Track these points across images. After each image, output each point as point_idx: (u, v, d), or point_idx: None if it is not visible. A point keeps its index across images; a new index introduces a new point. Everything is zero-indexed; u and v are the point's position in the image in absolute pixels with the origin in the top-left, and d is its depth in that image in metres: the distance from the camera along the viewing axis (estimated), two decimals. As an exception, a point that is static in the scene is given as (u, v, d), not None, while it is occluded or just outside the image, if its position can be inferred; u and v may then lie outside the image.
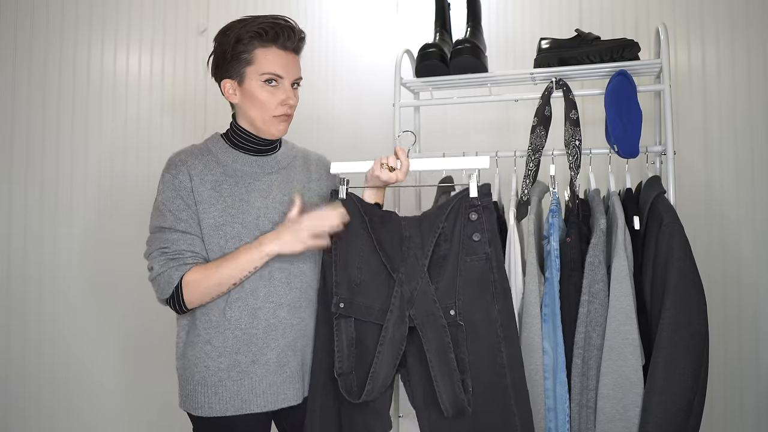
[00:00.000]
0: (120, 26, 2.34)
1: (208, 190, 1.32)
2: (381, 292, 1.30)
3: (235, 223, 1.32)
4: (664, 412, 1.32)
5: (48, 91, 2.23)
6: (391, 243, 1.31)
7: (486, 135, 2.41)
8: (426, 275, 1.26)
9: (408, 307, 1.26)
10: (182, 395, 1.35)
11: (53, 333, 2.22)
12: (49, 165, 2.22)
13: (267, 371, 1.32)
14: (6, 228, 2.15)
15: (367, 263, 1.32)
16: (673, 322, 1.33)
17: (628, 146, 1.50)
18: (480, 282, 1.25)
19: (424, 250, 1.27)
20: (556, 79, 1.62)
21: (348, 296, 1.32)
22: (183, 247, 1.29)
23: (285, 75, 1.33)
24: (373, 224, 1.33)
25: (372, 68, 2.56)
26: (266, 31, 1.30)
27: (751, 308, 2.06)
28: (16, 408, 2.15)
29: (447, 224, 1.27)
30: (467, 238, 1.26)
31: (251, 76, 1.32)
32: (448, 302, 1.25)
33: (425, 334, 1.24)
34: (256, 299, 1.32)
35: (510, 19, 2.39)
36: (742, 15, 2.09)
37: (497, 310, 1.25)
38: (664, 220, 1.38)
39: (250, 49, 1.31)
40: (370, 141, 2.58)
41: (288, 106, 1.35)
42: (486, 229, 1.25)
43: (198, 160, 1.34)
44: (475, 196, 1.26)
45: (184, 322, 1.35)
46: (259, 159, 1.39)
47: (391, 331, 1.26)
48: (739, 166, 2.08)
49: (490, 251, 1.25)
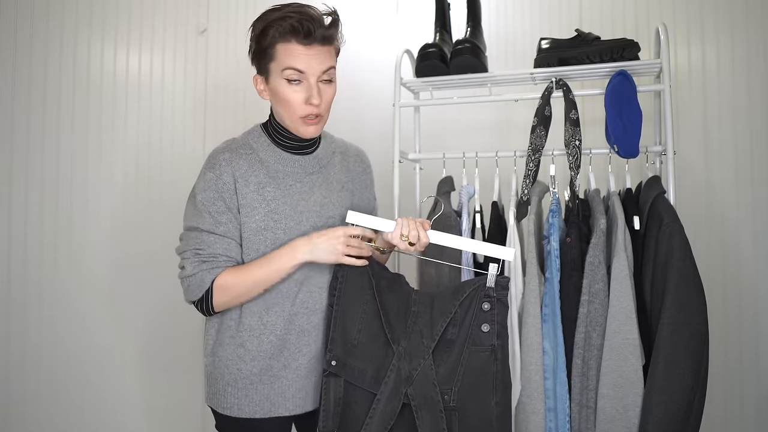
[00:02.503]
0: (120, 26, 2.34)
1: (251, 193, 1.28)
2: (376, 358, 1.27)
3: (277, 228, 1.29)
4: (664, 412, 1.32)
5: (48, 91, 2.23)
6: (396, 312, 1.29)
7: (486, 135, 2.41)
8: (430, 358, 1.25)
9: (406, 385, 1.24)
10: (210, 392, 1.34)
11: (53, 336, 2.21)
12: (49, 165, 2.22)
13: (298, 376, 1.31)
14: (6, 228, 2.15)
15: (367, 326, 1.29)
16: (673, 322, 1.33)
17: (628, 146, 1.50)
18: (482, 372, 1.24)
19: (433, 332, 1.26)
20: (556, 79, 1.62)
21: (342, 356, 1.28)
22: (218, 251, 1.26)
23: (307, 70, 1.25)
24: (380, 288, 1.30)
25: (372, 68, 2.56)
26: (284, 27, 1.23)
27: (752, 308, 2.06)
28: (16, 412, 2.15)
29: (460, 310, 1.26)
30: (476, 327, 1.25)
31: (274, 72, 1.26)
32: (444, 387, 1.24)
33: (421, 416, 1.23)
34: (293, 305, 1.30)
35: (510, 19, 2.39)
36: (742, 15, 2.09)
37: (494, 401, 1.24)
38: (664, 220, 1.38)
39: (272, 44, 1.25)
40: (370, 141, 2.57)
41: (313, 106, 1.26)
42: (497, 321, 1.25)
43: (243, 160, 1.29)
44: (491, 287, 1.25)
45: (216, 321, 1.33)
46: (300, 159, 1.35)
47: (383, 404, 1.24)
48: (739, 166, 2.08)
49: (497, 344, 1.25)
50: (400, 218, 1.29)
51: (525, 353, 1.43)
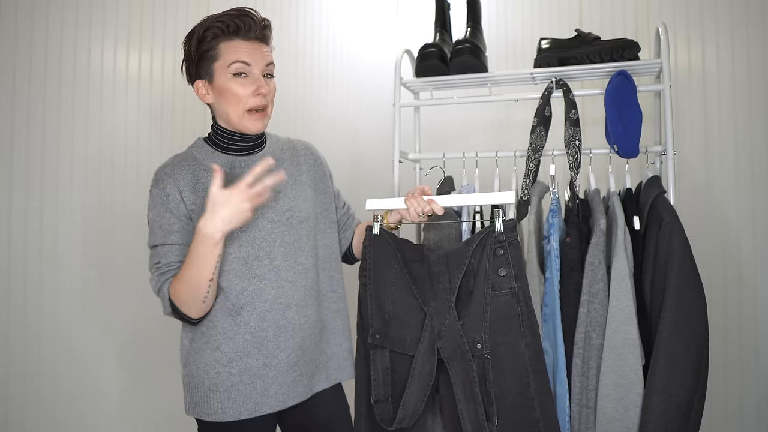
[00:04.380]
0: (120, 26, 2.34)
1: (201, 198, 1.29)
2: (413, 324, 1.34)
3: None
4: (664, 412, 1.32)
5: (48, 91, 2.23)
6: (422, 278, 1.34)
7: (486, 135, 2.42)
8: (453, 310, 1.29)
9: (437, 340, 1.29)
10: (191, 402, 1.32)
11: (53, 335, 2.21)
12: (49, 166, 2.22)
13: (278, 372, 1.32)
14: (6, 229, 2.15)
15: (400, 297, 1.36)
16: (673, 322, 1.33)
17: (628, 146, 1.51)
18: (507, 316, 1.27)
19: (452, 285, 1.30)
20: (556, 79, 1.62)
21: (382, 328, 1.36)
22: (172, 258, 1.27)
23: (252, 62, 1.30)
24: (406, 259, 1.37)
25: (372, 68, 2.56)
26: (227, 25, 1.29)
27: (752, 308, 2.06)
28: (15, 413, 2.14)
29: (473, 260, 1.29)
30: (493, 273, 1.28)
31: (219, 71, 1.30)
32: (475, 336, 1.28)
33: (452, 367, 1.28)
34: (264, 302, 1.31)
35: (510, 19, 2.39)
36: (742, 15, 2.09)
37: (525, 343, 1.26)
38: (664, 220, 1.38)
39: (214, 46, 1.30)
40: (370, 141, 2.58)
41: (261, 96, 1.31)
42: (512, 264, 1.27)
43: (185, 171, 1.31)
44: (500, 232, 1.28)
45: (187, 329, 1.34)
46: (246, 159, 1.37)
47: (420, 362, 1.30)
48: (739, 166, 2.08)
49: (517, 286, 1.27)
50: (407, 198, 1.33)
51: (525, 353, 1.43)
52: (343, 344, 1.45)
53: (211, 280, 1.24)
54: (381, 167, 2.28)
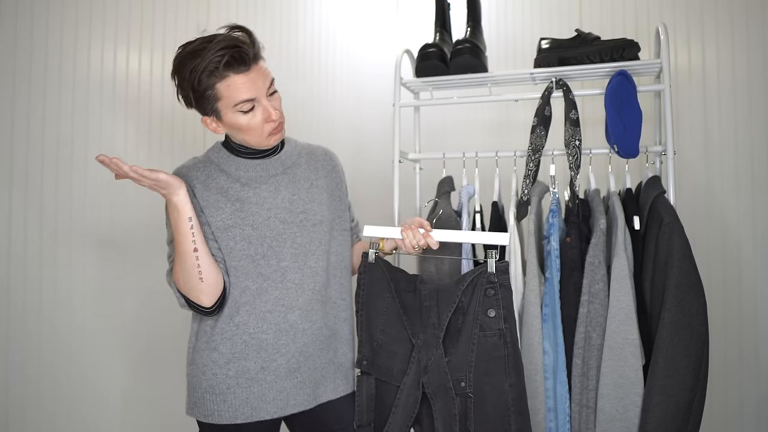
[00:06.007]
0: (120, 26, 2.34)
1: (214, 195, 1.31)
2: (401, 355, 1.36)
3: (245, 225, 1.30)
4: (664, 412, 1.32)
5: (48, 91, 2.23)
6: (413, 309, 1.36)
7: (486, 135, 2.42)
8: (441, 346, 1.30)
9: (423, 374, 1.31)
10: (190, 402, 1.33)
11: (53, 337, 2.21)
12: (49, 166, 2.22)
13: (277, 377, 1.30)
14: (6, 229, 2.15)
15: (390, 326, 1.38)
16: (673, 322, 1.33)
17: (628, 146, 1.51)
18: (493, 357, 1.28)
19: (440, 321, 1.31)
20: (556, 79, 1.62)
21: (370, 355, 1.39)
22: None
23: (256, 95, 1.25)
24: (399, 289, 1.38)
25: (372, 68, 2.56)
26: (216, 66, 1.21)
27: (752, 308, 2.06)
28: (15, 416, 2.14)
29: (464, 298, 1.30)
30: (482, 313, 1.29)
31: (225, 109, 1.26)
32: (459, 374, 1.29)
33: (435, 403, 1.29)
34: (266, 302, 1.30)
35: (510, 19, 2.39)
36: (742, 15, 2.09)
37: (509, 383, 1.27)
38: (664, 220, 1.38)
39: (211, 86, 1.23)
40: (370, 141, 2.58)
41: (272, 122, 1.29)
42: (502, 306, 1.28)
43: (200, 171, 1.33)
44: (492, 272, 1.29)
45: (195, 327, 1.34)
46: (262, 162, 1.37)
47: (405, 394, 1.32)
48: (739, 166, 2.08)
49: (505, 327, 1.28)
50: (404, 228, 1.35)
51: (525, 353, 1.43)
52: (348, 354, 1.43)
53: (195, 251, 1.24)
54: (381, 167, 2.28)
